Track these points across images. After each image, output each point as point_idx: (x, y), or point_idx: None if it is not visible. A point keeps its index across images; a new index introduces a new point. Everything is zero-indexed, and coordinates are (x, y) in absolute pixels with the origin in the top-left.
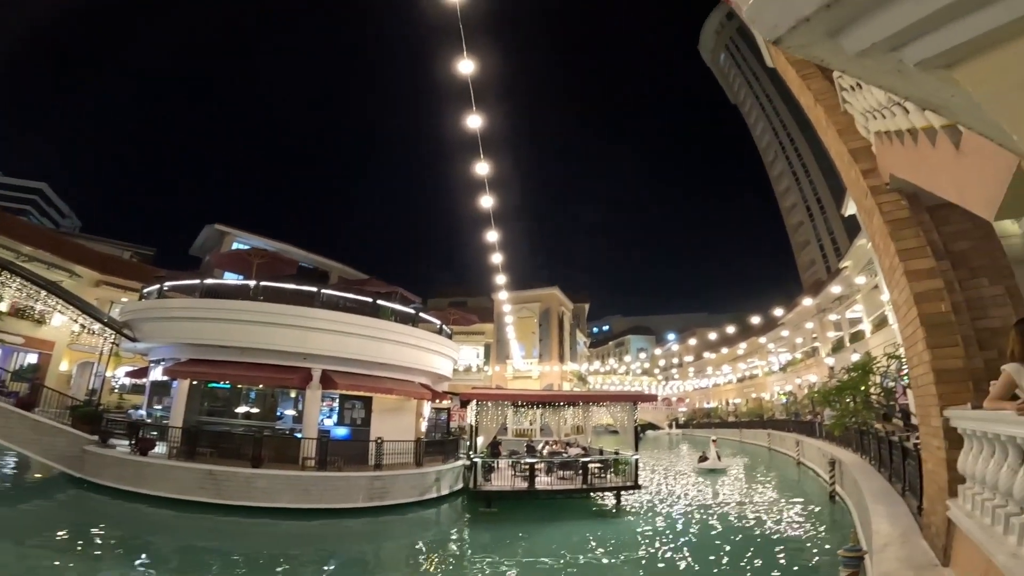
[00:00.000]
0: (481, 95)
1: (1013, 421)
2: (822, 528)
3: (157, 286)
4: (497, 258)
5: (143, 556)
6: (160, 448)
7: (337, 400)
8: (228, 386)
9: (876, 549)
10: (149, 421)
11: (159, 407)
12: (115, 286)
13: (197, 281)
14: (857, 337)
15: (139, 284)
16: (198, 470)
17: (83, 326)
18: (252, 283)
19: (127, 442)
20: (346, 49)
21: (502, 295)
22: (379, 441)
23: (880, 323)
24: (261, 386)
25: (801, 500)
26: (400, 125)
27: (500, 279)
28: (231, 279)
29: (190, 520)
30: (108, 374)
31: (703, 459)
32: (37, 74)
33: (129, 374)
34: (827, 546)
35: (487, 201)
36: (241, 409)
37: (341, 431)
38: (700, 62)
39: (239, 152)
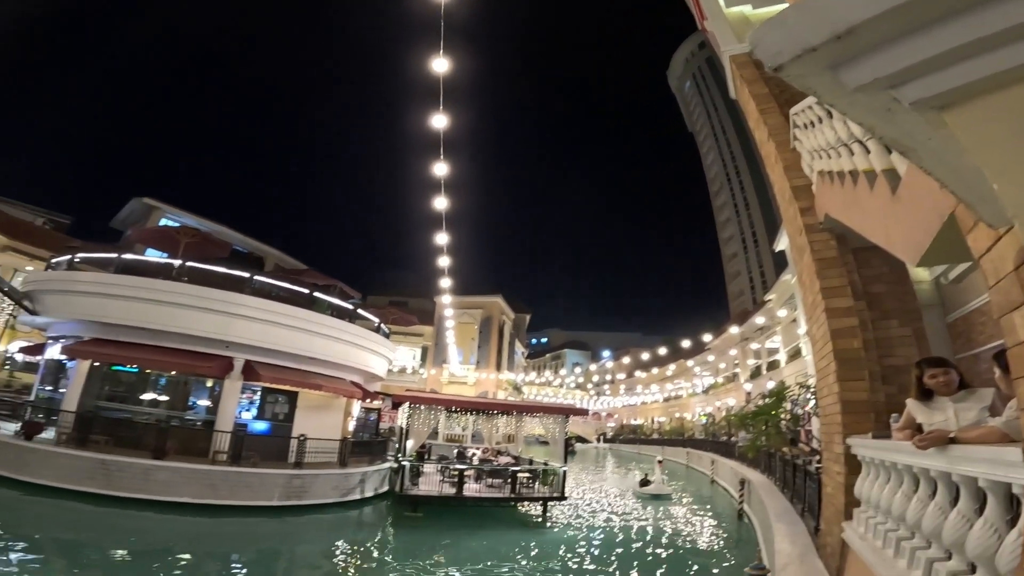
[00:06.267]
0: (444, 100)
1: (909, 451)
2: (730, 545)
3: (68, 256)
4: (444, 261)
5: (18, 550)
6: (49, 433)
7: (259, 393)
8: (135, 370)
9: (778, 568)
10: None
11: (50, 387)
12: (22, 253)
13: (114, 255)
14: (773, 366)
15: (49, 253)
16: (89, 459)
17: None
18: (176, 262)
19: (12, 424)
20: (306, 34)
21: (446, 299)
22: (302, 438)
23: (794, 354)
24: (173, 373)
25: (713, 516)
26: (357, 119)
27: (445, 283)
28: (154, 257)
29: (74, 511)
30: (0, 348)
31: (645, 483)
32: None
33: (23, 350)
34: (734, 562)
35: (440, 203)
36: (147, 396)
37: (260, 425)
38: (665, 90)
39: (175, 124)
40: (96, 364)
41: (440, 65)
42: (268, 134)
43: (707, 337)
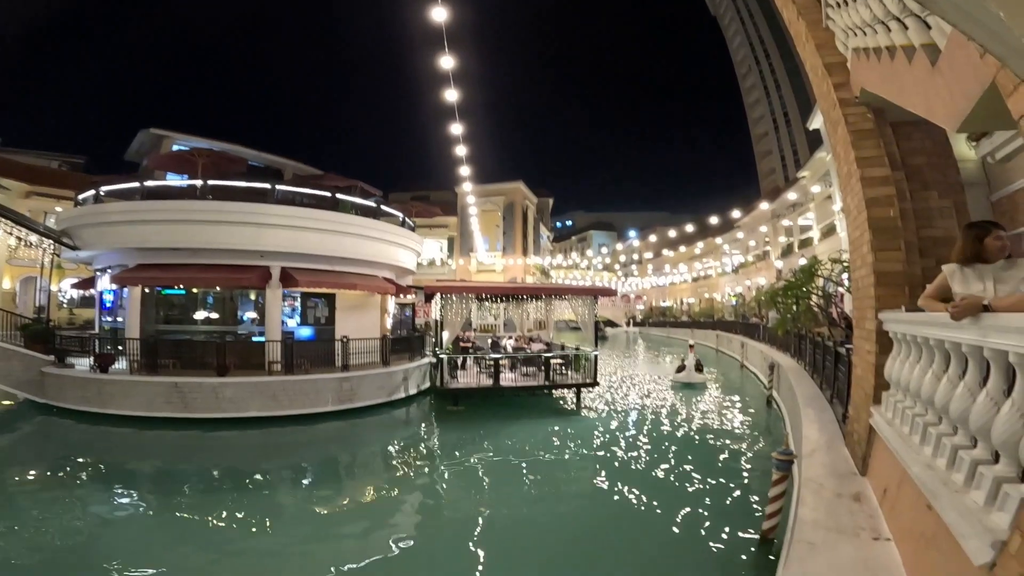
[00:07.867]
0: None
1: (941, 324)
2: (759, 432)
3: (93, 191)
4: (462, 150)
5: (115, 482)
6: (121, 364)
7: (299, 299)
8: (183, 291)
9: (804, 454)
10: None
11: (110, 318)
12: (47, 196)
13: (137, 184)
14: (806, 243)
15: (72, 193)
16: (162, 384)
17: (19, 239)
18: (199, 183)
19: (85, 360)
20: None
21: (467, 187)
22: (345, 340)
23: (828, 231)
24: (218, 289)
25: (742, 404)
26: (358, 13)
27: (465, 171)
28: (174, 181)
29: (159, 438)
30: (53, 288)
31: (681, 368)
32: None
33: (75, 286)
34: (762, 449)
35: (452, 95)
36: (200, 315)
37: (305, 331)
38: None
39: (173, 47)
40: (147, 290)
41: None
42: (268, 44)
43: (736, 214)
